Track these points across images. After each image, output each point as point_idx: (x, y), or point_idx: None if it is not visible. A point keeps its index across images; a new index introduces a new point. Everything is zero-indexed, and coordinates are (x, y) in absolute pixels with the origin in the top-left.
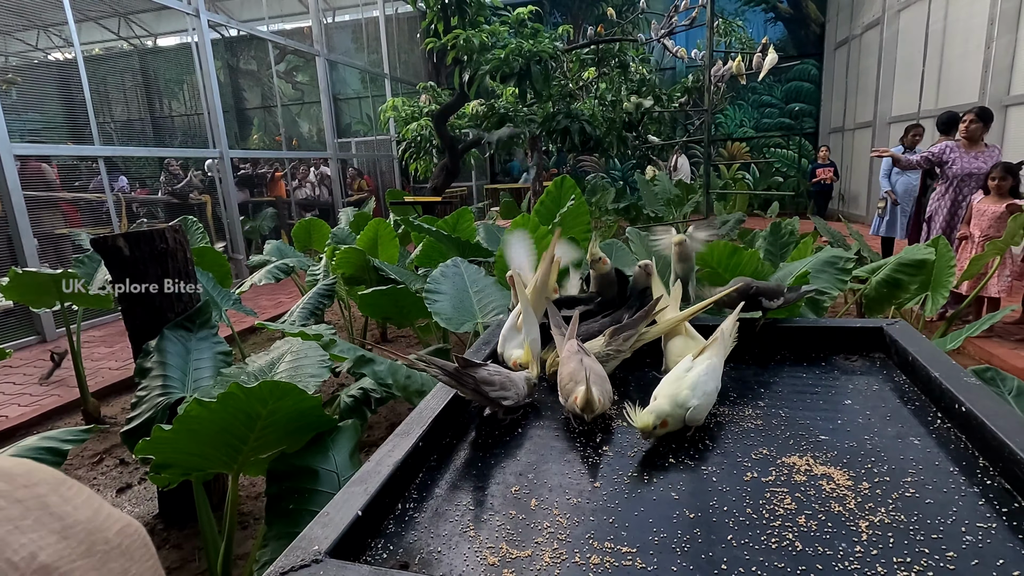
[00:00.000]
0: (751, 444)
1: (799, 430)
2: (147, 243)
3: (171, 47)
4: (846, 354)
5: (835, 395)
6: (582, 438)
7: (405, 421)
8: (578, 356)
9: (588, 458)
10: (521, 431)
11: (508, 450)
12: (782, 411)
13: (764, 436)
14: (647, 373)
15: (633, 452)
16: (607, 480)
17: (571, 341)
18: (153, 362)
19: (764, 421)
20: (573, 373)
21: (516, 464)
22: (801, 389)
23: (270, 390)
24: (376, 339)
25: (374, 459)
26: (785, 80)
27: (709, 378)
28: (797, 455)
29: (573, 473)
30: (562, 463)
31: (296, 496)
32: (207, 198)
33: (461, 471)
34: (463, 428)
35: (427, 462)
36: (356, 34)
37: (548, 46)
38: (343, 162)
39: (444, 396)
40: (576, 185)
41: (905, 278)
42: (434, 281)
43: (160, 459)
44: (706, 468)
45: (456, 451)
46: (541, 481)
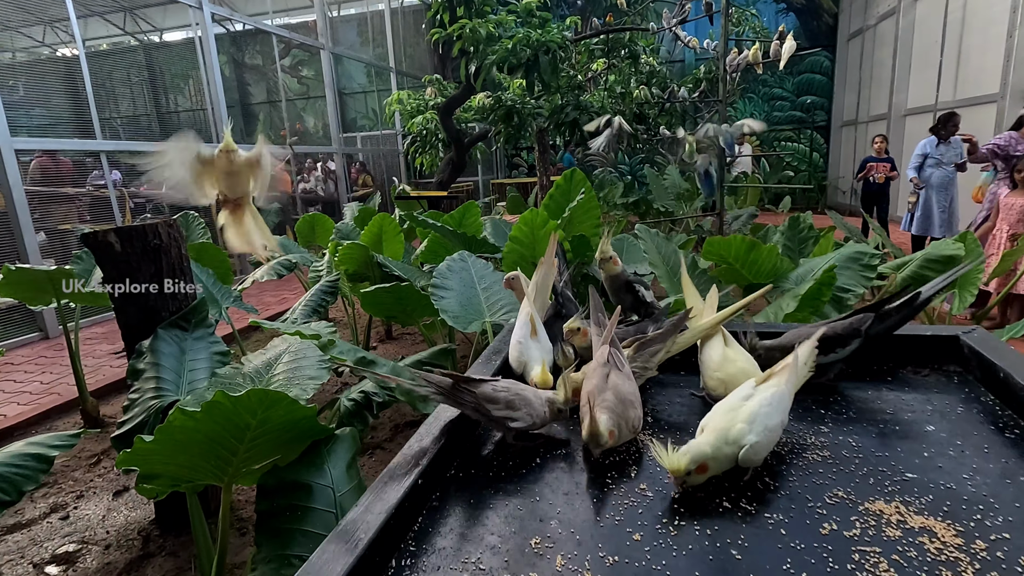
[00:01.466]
0: (822, 483)
1: (878, 464)
2: (139, 239)
3: (176, 42)
4: (914, 367)
5: (913, 419)
6: (614, 472)
7: (402, 451)
8: (605, 370)
9: (623, 500)
10: (540, 461)
11: (525, 486)
12: (852, 439)
13: (836, 472)
14: (680, 388)
15: (676, 492)
16: (648, 531)
17: (605, 347)
18: (146, 363)
19: (832, 452)
20: (592, 393)
21: (536, 506)
22: (869, 410)
23: (259, 399)
24: (381, 336)
25: (363, 503)
26: (796, 72)
27: (774, 410)
28: (883, 500)
29: (606, 521)
30: (592, 506)
31: (288, 514)
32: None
33: (469, 515)
34: (472, 454)
35: (427, 503)
36: (361, 28)
37: (557, 36)
38: (348, 157)
39: (448, 417)
40: (586, 179)
41: (933, 274)
42: (440, 276)
43: (145, 470)
44: (770, 516)
45: (463, 488)
46: (567, 531)
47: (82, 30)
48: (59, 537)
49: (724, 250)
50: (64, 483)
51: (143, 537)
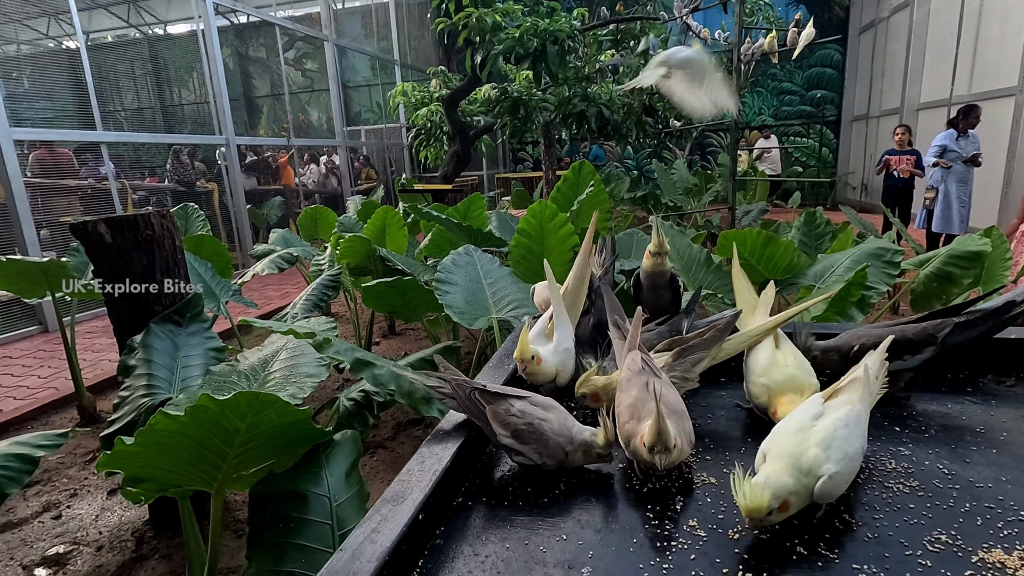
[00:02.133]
0: (917, 523)
1: (982, 499)
2: (130, 229)
3: (180, 34)
4: (996, 376)
5: (1009, 440)
6: (654, 504)
7: (400, 476)
8: (643, 378)
9: (670, 542)
10: (565, 487)
11: (548, 519)
12: (941, 464)
13: (931, 509)
14: (722, 398)
15: (735, 532)
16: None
17: (634, 353)
18: (137, 359)
19: (921, 481)
20: (635, 405)
21: (560, 546)
22: (955, 428)
23: (248, 402)
24: (384, 332)
25: (349, 546)
26: (807, 66)
27: (852, 433)
28: (1000, 547)
29: (651, 570)
30: (630, 548)
31: (281, 527)
32: (214, 186)
33: (478, 556)
34: (484, 476)
35: (430, 540)
36: (366, 20)
37: (565, 25)
38: (352, 151)
39: (457, 431)
40: (595, 171)
41: (957, 271)
42: (445, 270)
43: (130, 473)
44: (860, 568)
45: (473, 520)
46: (600, 574)
47: (86, 22)
48: (50, 538)
49: (740, 244)
50: (58, 481)
51: (136, 538)
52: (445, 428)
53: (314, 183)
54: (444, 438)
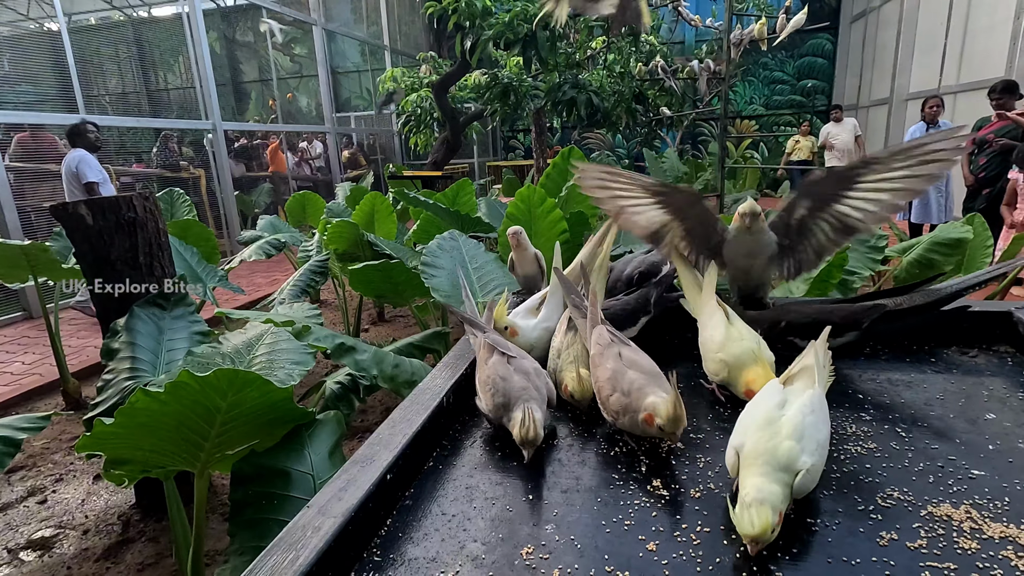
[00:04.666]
0: (873, 481)
1: (936, 459)
2: (112, 211)
3: (165, 17)
4: (960, 347)
5: (968, 406)
6: (620, 466)
7: (369, 440)
8: (614, 349)
9: (633, 500)
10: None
11: (516, 482)
12: (899, 428)
13: (887, 469)
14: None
15: (697, 491)
16: (666, 539)
17: (599, 328)
18: (121, 342)
19: (880, 444)
20: (614, 378)
21: (529, 507)
22: (917, 396)
23: (228, 380)
24: (373, 319)
25: (316, 503)
26: (798, 56)
27: (819, 419)
28: (949, 503)
29: (613, 526)
30: (596, 507)
31: (264, 503)
32: (201, 172)
33: (449, 518)
34: (455, 443)
35: (398, 502)
36: (355, 4)
37: None
38: (348, 137)
39: (431, 400)
40: (584, 156)
41: (940, 258)
42: (431, 254)
43: (111, 455)
44: (814, 522)
45: (443, 483)
46: (566, 538)
47: (67, 4)
48: (36, 522)
49: None
50: (43, 466)
51: (123, 522)
52: (416, 398)
53: (318, 159)
54: (415, 406)
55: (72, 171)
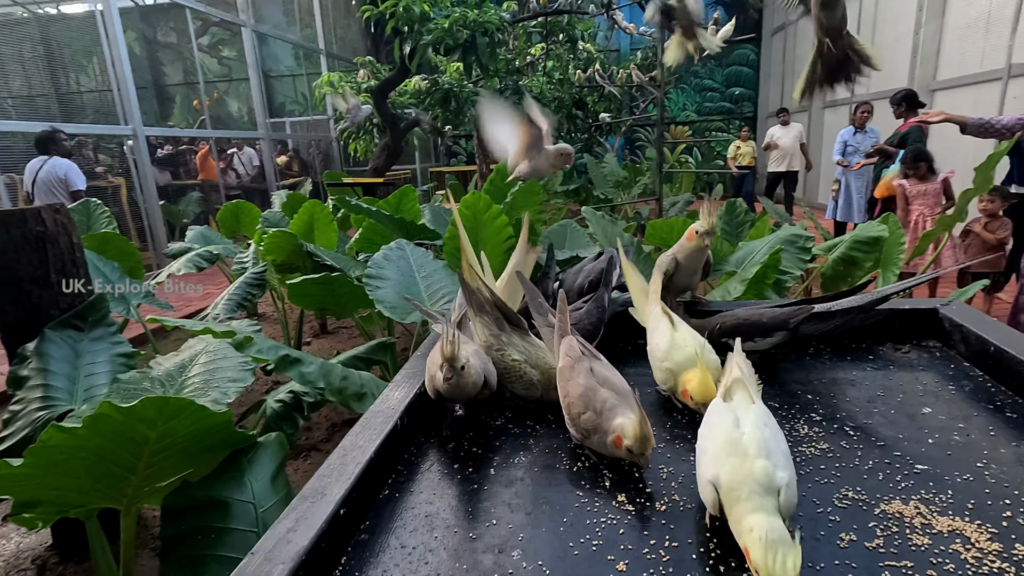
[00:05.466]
0: (827, 483)
1: (883, 456)
2: (17, 225)
3: (75, 15)
4: (894, 343)
5: (905, 400)
6: (584, 482)
7: (319, 472)
8: (585, 364)
9: (599, 518)
10: (495, 471)
11: (477, 506)
12: (848, 426)
13: (840, 468)
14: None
15: (662, 504)
16: (635, 558)
17: (568, 339)
18: (31, 369)
19: (831, 444)
20: (586, 396)
21: (490, 531)
22: (859, 393)
23: (158, 408)
24: (315, 331)
25: (261, 549)
26: (726, 65)
27: (775, 431)
28: (900, 500)
29: (581, 548)
30: (560, 528)
31: (200, 538)
32: (121, 181)
33: (408, 551)
34: (411, 467)
35: (353, 536)
36: (287, 5)
37: (494, 16)
38: (283, 144)
39: (383, 424)
40: None
41: (860, 255)
42: (376, 265)
43: (20, 498)
44: None
45: (398, 510)
46: (533, 563)
47: None
48: None
49: (666, 233)
50: None
51: (38, 566)
52: (370, 420)
53: (251, 168)
54: (367, 431)
55: (60, 178)
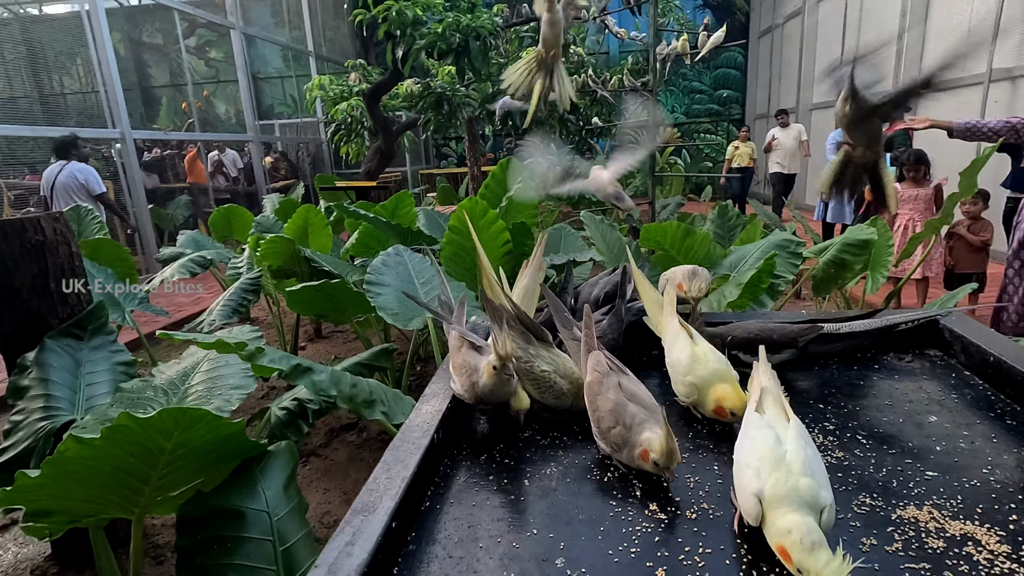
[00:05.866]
0: (845, 490)
1: (895, 464)
2: (16, 234)
3: (60, 15)
4: (896, 353)
5: (913, 409)
6: (616, 492)
7: (367, 487)
8: (613, 379)
9: (634, 527)
10: (528, 482)
11: (517, 516)
12: (860, 435)
13: (856, 476)
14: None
15: (692, 512)
16: (673, 564)
17: (595, 354)
18: (31, 379)
19: (846, 452)
20: (616, 411)
21: (532, 541)
22: (868, 402)
23: (174, 419)
24: (309, 336)
25: (324, 562)
26: (714, 67)
27: (814, 451)
28: (914, 505)
29: (620, 555)
30: (598, 536)
31: (216, 547)
32: (108, 185)
33: (453, 558)
34: (448, 477)
35: (403, 547)
36: (276, 7)
37: (487, 21)
38: (267, 146)
39: (420, 438)
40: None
41: (850, 258)
42: (375, 272)
43: (33, 508)
44: None
45: (441, 521)
46: (577, 571)
47: None
48: None
49: (661, 236)
50: None
51: (38, 575)
52: (407, 434)
53: (234, 170)
54: (407, 445)
55: (80, 183)
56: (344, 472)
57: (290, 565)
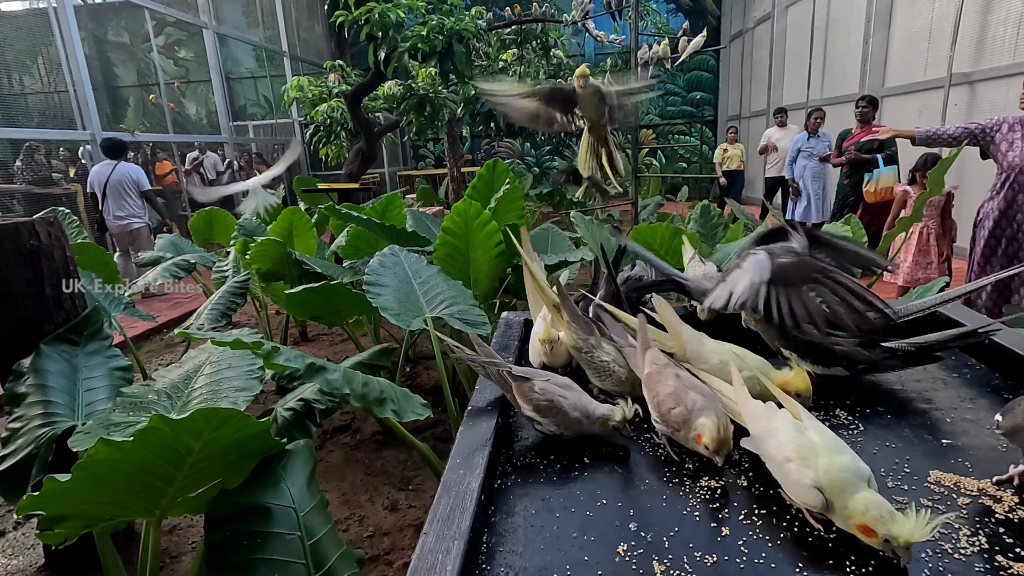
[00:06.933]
0: (880, 457)
1: (916, 435)
2: (11, 240)
3: (18, 12)
4: None
5: (921, 388)
6: (669, 467)
7: (449, 465)
8: (672, 370)
9: (691, 497)
10: (588, 459)
11: (582, 488)
12: (879, 409)
13: (884, 447)
14: None
15: (743, 479)
16: (734, 524)
17: (652, 351)
18: (29, 385)
19: (870, 426)
20: (677, 394)
21: (603, 510)
22: (880, 379)
23: (206, 419)
24: (295, 339)
25: (431, 529)
26: (687, 70)
27: (828, 430)
28: (939, 469)
29: (684, 520)
30: (662, 503)
31: (246, 544)
32: (77, 187)
33: (534, 527)
34: (511, 458)
35: (488, 518)
36: (249, 7)
37: (470, 24)
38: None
39: (488, 417)
40: (509, 169)
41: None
42: (374, 273)
43: (55, 512)
44: None
45: (516, 496)
46: (652, 532)
47: None
48: None
49: (650, 237)
50: None
51: None
52: (476, 417)
53: (216, 173)
54: (479, 426)
55: (132, 180)
56: (340, 473)
57: (318, 558)
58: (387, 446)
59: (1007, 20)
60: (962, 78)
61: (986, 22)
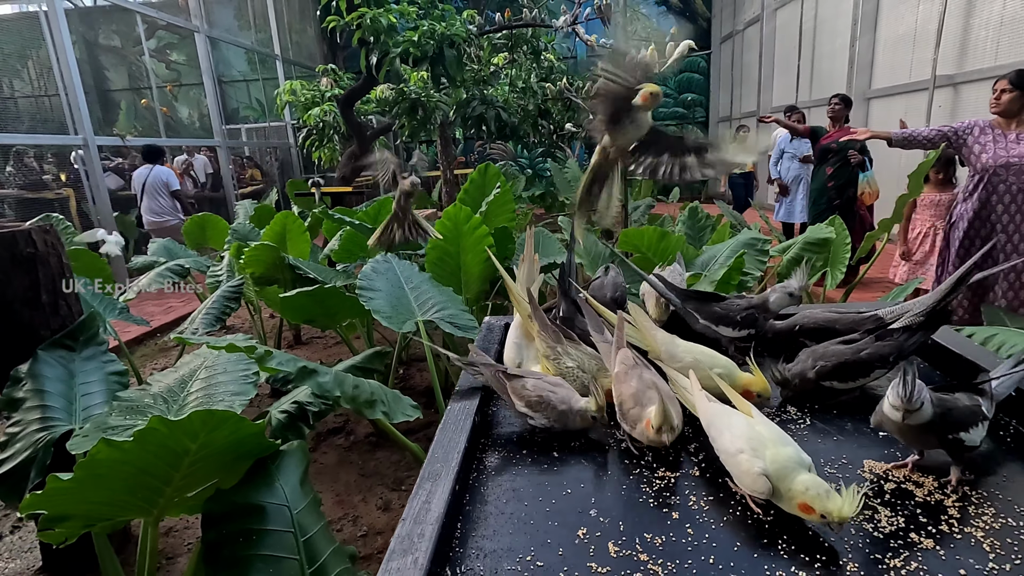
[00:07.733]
0: (822, 449)
1: (856, 428)
2: (7, 247)
3: (8, 16)
4: None
5: (866, 386)
6: (625, 460)
7: (428, 459)
8: (637, 371)
9: (648, 486)
10: (558, 455)
11: (552, 479)
12: (820, 407)
13: (827, 440)
14: None
15: (695, 469)
16: (683, 510)
17: (624, 351)
18: (26, 390)
19: (814, 421)
20: (637, 395)
21: (568, 499)
22: None
23: (203, 420)
24: (289, 343)
25: (409, 515)
26: (677, 71)
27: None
28: (872, 459)
29: (639, 506)
30: (621, 491)
31: (242, 540)
32: (70, 192)
33: (504, 514)
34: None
35: (463, 506)
36: (240, 11)
37: (461, 29)
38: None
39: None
40: (500, 173)
41: (812, 255)
42: (366, 278)
43: (56, 512)
44: None
45: (489, 487)
46: (609, 517)
47: None
48: None
49: (638, 240)
50: None
51: None
52: (452, 417)
53: (206, 175)
54: (455, 425)
55: (164, 182)
56: (334, 474)
57: (311, 554)
58: (380, 447)
59: (988, 24)
60: (946, 80)
61: (968, 25)
